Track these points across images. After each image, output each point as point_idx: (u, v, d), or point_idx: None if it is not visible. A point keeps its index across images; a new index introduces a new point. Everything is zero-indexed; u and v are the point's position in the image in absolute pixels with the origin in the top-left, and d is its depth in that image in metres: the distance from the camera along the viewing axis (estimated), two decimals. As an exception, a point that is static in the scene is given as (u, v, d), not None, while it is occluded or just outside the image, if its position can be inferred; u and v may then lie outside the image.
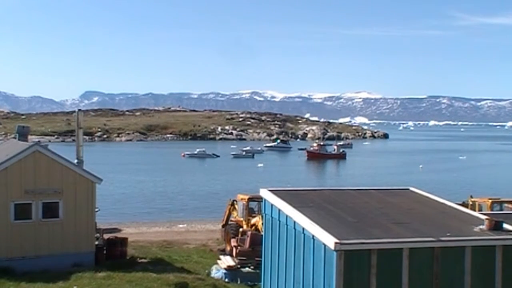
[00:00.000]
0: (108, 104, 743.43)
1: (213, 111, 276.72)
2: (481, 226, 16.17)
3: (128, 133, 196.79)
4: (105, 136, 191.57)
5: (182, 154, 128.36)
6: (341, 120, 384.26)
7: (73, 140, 60.99)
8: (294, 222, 16.59)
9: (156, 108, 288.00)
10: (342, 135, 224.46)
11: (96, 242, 28.68)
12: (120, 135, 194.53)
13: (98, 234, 29.78)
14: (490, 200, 37.23)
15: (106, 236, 30.97)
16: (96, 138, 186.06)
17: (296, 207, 16.98)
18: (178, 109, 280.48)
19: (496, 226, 16.13)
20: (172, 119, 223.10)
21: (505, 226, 16.38)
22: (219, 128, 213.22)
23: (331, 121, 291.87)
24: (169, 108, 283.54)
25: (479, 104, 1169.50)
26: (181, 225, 48.61)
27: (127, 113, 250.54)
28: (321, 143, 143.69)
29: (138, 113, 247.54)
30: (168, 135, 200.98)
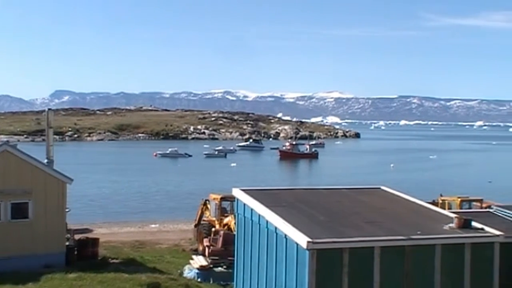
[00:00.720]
0: (79, 103, 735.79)
1: (185, 110, 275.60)
2: (450, 224, 16.41)
3: (100, 133, 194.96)
4: (76, 135, 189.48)
5: (154, 153, 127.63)
6: (313, 120, 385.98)
7: (43, 140, 60.11)
8: (267, 221, 16.63)
9: (128, 108, 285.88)
10: (314, 134, 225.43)
11: (67, 243, 28.38)
12: (91, 135, 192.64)
13: (69, 235, 29.46)
14: (459, 199, 37.77)
15: (77, 236, 30.66)
16: (66, 138, 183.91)
17: (269, 207, 17.02)
18: (150, 108, 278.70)
19: (465, 224, 16.39)
20: (144, 118, 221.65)
21: (474, 224, 16.64)
22: (192, 127, 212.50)
23: (303, 120, 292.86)
24: (141, 107, 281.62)
25: (448, 104, 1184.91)
26: (153, 225, 48.35)
27: (98, 112, 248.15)
28: (294, 143, 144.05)
29: (109, 113, 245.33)
30: (140, 135, 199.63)
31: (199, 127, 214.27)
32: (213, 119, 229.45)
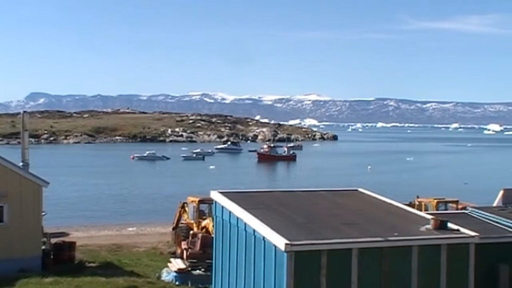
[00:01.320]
0: (55, 105, 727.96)
1: (163, 113, 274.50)
2: (427, 226, 16.58)
3: (76, 135, 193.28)
4: (52, 138, 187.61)
5: (132, 156, 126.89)
6: (291, 122, 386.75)
7: (19, 143, 59.26)
8: (245, 224, 16.63)
9: (105, 110, 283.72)
10: (292, 137, 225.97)
11: (43, 247, 28.11)
12: (67, 138, 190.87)
13: (45, 239, 29.18)
14: (435, 200, 38.12)
15: (53, 240, 30.38)
16: (42, 141, 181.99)
17: (247, 209, 17.02)
18: (127, 111, 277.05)
19: (441, 226, 16.57)
20: (121, 121, 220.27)
21: (450, 225, 16.83)
22: (169, 130, 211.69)
23: (281, 123, 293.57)
24: (118, 110, 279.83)
25: (424, 106, 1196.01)
26: (131, 228, 48.05)
27: (74, 115, 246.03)
28: (271, 145, 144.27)
29: (86, 115, 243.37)
30: (117, 137, 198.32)
31: (177, 129, 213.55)
32: (191, 121, 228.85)
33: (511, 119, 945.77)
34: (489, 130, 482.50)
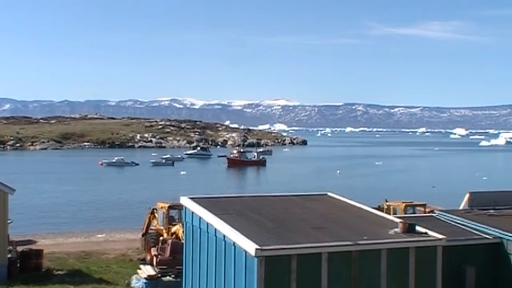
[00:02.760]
0: (21, 111, 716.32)
1: (132, 118, 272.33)
2: (395, 229, 16.76)
3: (43, 142, 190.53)
4: (18, 144, 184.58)
5: (100, 162, 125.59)
6: (260, 127, 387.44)
7: (-16, 149, 58.44)
8: (215, 229, 16.61)
9: (73, 116, 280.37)
10: (262, 142, 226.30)
11: (9, 255, 27.63)
12: (34, 144, 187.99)
13: (11, 247, 28.69)
14: (403, 204, 38.53)
15: (19, 248, 29.89)
16: (8, 147, 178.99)
17: (217, 215, 17.00)
18: (96, 116, 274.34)
19: (409, 229, 16.77)
20: (89, 127, 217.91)
21: (418, 228, 17.04)
22: (138, 135, 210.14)
23: (250, 128, 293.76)
24: (86, 115, 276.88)
25: (392, 111, 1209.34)
26: (99, 235, 47.53)
27: (41, 121, 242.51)
28: (241, 150, 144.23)
29: (53, 121, 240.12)
30: (85, 143, 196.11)
31: (145, 135, 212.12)
32: (160, 127, 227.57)
33: (476, 124, 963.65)
34: (455, 134, 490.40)
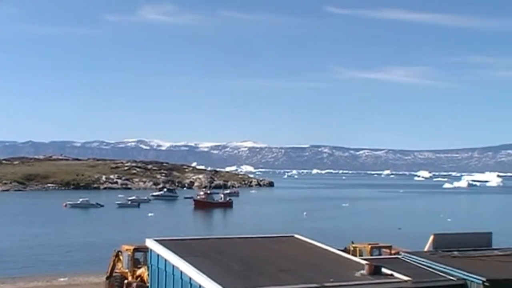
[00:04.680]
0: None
1: (97, 159, 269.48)
2: (362, 271, 16.83)
3: (5, 183, 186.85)
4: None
5: (64, 204, 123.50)
6: (227, 169, 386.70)
7: None
8: (181, 272, 16.45)
9: (37, 157, 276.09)
10: (229, 183, 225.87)
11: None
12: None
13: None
14: (369, 246, 38.69)
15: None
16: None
17: (183, 257, 16.87)
18: (60, 157, 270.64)
19: (375, 271, 16.87)
20: (54, 168, 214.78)
21: (384, 270, 17.14)
22: (104, 177, 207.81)
23: (217, 169, 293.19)
24: (51, 156, 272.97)
25: (358, 153, 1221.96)
26: (62, 279, 46.46)
27: (4, 161, 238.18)
28: (208, 192, 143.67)
29: (16, 162, 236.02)
30: (49, 185, 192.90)
31: (111, 176, 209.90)
32: (126, 168, 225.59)
33: (439, 166, 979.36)
34: (419, 176, 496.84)
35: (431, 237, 26.44)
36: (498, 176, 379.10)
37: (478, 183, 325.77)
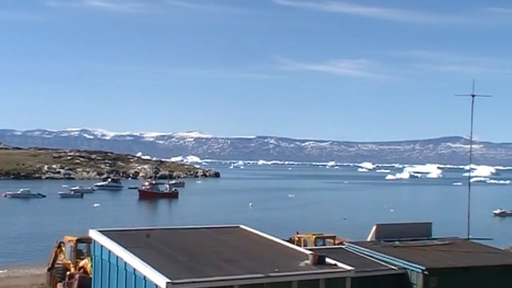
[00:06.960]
0: None
1: (39, 149, 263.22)
2: (306, 261, 17.02)
3: None
4: None
5: (4, 194, 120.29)
6: (173, 159, 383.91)
7: None
8: (125, 263, 16.26)
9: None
10: (174, 174, 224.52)
11: None
12: None
13: None
14: (314, 236, 39.17)
15: None
16: None
17: (127, 248, 16.68)
18: (0, 146, 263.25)
19: (319, 261, 17.08)
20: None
21: (328, 260, 17.38)
22: (46, 167, 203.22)
23: (163, 160, 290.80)
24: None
25: (303, 144, 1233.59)
26: (1, 271, 45.27)
27: None
28: (153, 182, 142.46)
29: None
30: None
31: (54, 166, 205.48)
32: (69, 158, 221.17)
33: (382, 158, 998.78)
34: (362, 168, 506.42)
35: (374, 228, 26.98)
36: (438, 168, 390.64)
37: (419, 175, 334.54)
